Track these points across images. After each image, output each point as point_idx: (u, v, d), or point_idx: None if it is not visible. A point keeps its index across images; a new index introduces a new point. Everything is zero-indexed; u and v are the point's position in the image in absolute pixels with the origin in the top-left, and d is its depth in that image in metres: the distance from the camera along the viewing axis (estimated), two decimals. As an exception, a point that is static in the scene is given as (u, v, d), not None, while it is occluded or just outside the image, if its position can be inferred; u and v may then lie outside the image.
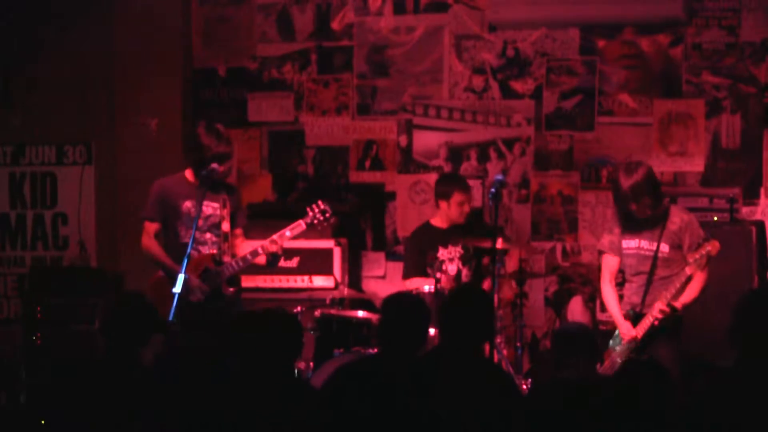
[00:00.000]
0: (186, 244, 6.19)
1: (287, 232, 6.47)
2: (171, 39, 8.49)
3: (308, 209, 6.56)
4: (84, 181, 8.59)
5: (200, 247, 6.37)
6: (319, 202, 6.59)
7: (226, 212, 6.39)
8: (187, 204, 6.43)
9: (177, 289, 5.99)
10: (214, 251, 6.41)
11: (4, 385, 7.87)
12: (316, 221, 6.55)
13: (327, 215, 6.55)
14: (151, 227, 6.52)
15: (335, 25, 8.42)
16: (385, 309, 5.11)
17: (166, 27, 8.45)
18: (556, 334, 7.23)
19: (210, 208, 6.40)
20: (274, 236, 6.45)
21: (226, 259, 6.44)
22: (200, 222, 6.33)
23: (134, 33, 8.39)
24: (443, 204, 7.22)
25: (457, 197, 7.17)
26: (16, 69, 8.64)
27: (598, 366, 6.02)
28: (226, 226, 6.43)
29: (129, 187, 8.40)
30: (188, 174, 6.52)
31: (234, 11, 8.58)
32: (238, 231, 6.61)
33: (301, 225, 6.52)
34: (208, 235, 6.40)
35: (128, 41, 8.41)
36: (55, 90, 8.52)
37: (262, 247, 6.42)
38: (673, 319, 6.05)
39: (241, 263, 6.44)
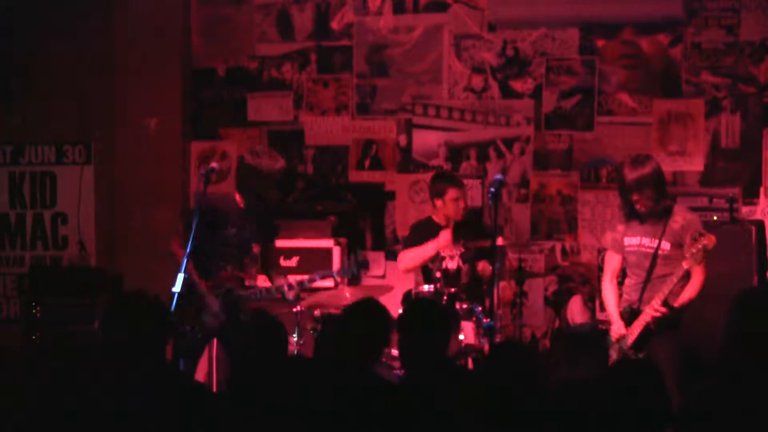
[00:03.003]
0: (219, 265, 6.36)
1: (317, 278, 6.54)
2: (171, 39, 8.50)
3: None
4: (83, 180, 8.59)
5: (226, 264, 6.37)
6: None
7: (255, 232, 6.45)
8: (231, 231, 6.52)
9: (176, 288, 6.01)
10: (238, 272, 6.45)
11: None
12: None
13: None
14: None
15: (335, 24, 8.43)
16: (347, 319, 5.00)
17: (166, 27, 8.45)
18: (567, 334, 7.22)
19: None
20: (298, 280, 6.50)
21: (254, 282, 6.50)
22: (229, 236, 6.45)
23: (134, 33, 8.40)
24: (438, 202, 7.20)
25: (451, 193, 7.14)
26: (16, 69, 8.64)
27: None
28: (257, 248, 6.47)
29: (128, 187, 8.41)
30: (238, 198, 6.58)
31: (233, 11, 8.59)
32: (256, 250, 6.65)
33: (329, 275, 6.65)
34: (233, 250, 6.41)
35: (128, 41, 8.42)
36: (55, 90, 8.53)
37: (290, 285, 6.46)
38: (671, 318, 6.04)
39: (264, 294, 6.45)
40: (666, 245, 6.12)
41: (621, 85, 7.94)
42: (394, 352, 6.17)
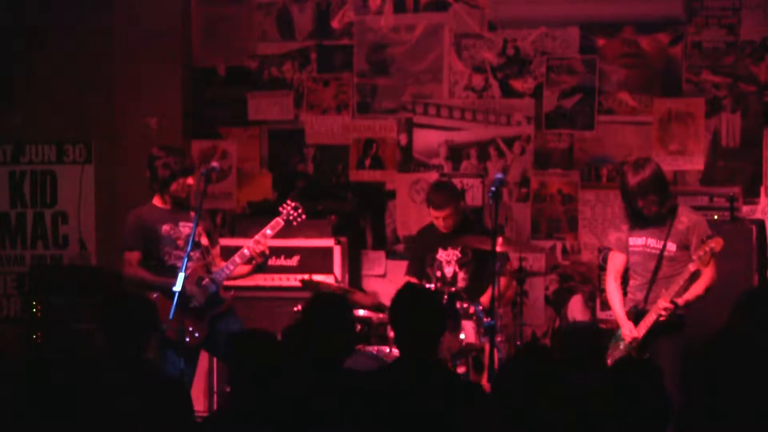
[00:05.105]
0: (173, 266, 6.41)
1: (267, 231, 6.62)
2: (171, 39, 8.49)
3: (280, 208, 6.75)
4: (84, 179, 8.59)
5: (189, 264, 6.42)
6: (288, 201, 6.81)
7: (200, 229, 6.51)
8: (165, 227, 6.57)
9: (177, 287, 6.05)
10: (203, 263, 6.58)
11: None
12: (291, 217, 6.73)
13: (299, 211, 6.74)
14: (133, 257, 6.58)
15: (335, 23, 8.42)
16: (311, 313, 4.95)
17: (166, 27, 8.45)
18: (566, 334, 7.20)
19: (186, 228, 6.52)
20: (256, 236, 6.59)
21: (215, 268, 6.60)
22: (180, 243, 6.50)
23: (134, 32, 8.39)
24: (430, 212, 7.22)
25: (432, 213, 7.14)
26: (16, 68, 8.64)
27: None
28: (204, 240, 6.60)
29: (129, 186, 8.39)
30: (156, 201, 6.66)
31: (234, 10, 8.58)
32: (215, 251, 6.74)
33: (279, 222, 6.69)
34: (192, 253, 6.46)
35: (128, 41, 8.41)
36: (55, 89, 8.53)
37: (248, 249, 6.54)
38: (675, 319, 6.04)
39: (231, 267, 6.57)
40: (672, 246, 6.12)
41: (621, 84, 7.94)
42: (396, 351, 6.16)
